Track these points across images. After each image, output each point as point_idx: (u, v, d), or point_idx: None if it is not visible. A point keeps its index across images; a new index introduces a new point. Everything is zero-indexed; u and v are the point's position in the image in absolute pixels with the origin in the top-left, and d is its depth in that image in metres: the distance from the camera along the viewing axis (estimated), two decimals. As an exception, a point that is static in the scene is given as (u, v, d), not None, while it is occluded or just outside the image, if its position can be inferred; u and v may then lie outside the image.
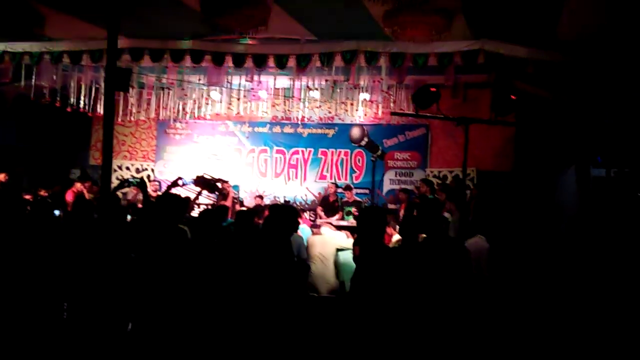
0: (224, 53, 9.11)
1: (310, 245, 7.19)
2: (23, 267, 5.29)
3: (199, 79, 10.97)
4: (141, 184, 6.36)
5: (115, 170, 13.15)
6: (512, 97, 6.33)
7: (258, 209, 8.44)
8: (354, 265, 4.65)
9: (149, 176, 13.81)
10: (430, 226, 4.54)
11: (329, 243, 7.23)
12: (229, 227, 6.50)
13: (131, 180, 8.26)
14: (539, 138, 10.65)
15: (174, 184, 6.54)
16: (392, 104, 10.72)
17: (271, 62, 9.10)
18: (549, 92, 9.72)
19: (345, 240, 7.36)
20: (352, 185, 12.24)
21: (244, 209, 8.13)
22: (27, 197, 10.41)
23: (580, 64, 8.12)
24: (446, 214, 8.93)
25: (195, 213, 7.44)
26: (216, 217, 5.55)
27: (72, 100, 10.81)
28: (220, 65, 9.24)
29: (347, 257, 6.88)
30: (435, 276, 4.24)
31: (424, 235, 4.61)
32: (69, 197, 11.35)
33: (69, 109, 11.15)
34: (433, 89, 6.21)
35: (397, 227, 6.57)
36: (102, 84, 9.49)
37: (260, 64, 9.09)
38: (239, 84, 10.80)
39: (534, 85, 9.51)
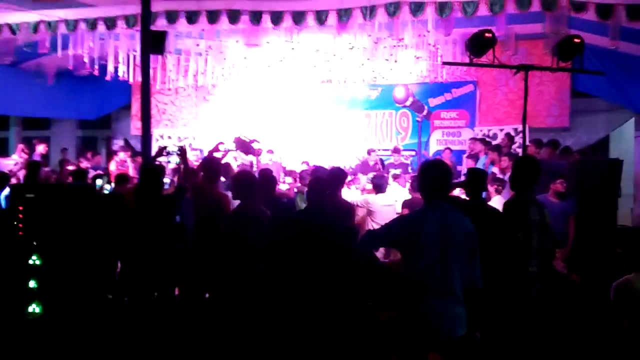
0: (262, 12, 8.73)
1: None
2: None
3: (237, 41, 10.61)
4: (181, 152, 6.14)
5: (156, 140, 13.03)
6: (576, 40, 5.82)
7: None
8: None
9: (190, 144, 13.66)
10: None
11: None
12: None
13: (171, 148, 8.10)
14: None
15: (216, 149, 6.30)
16: (439, 59, 10.15)
17: (310, 19, 8.68)
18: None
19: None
20: (399, 148, 11.77)
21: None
22: (71, 167, 10.44)
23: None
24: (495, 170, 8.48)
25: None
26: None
27: (110, 68, 10.62)
28: (258, 25, 8.86)
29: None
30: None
31: None
32: (113, 167, 11.33)
33: (108, 78, 10.97)
34: (488, 35, 5.76)
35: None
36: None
37: (299, 21, 8.69)
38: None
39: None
